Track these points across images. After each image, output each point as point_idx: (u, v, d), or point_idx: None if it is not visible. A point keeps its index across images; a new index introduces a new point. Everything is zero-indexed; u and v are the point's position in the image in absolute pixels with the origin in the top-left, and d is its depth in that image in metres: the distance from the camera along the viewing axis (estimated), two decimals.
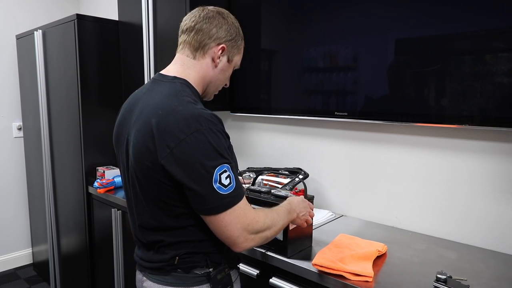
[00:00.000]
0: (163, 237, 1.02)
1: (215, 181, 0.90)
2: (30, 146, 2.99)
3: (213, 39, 1.04)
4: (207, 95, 1.15)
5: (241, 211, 0.95)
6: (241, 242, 0.96)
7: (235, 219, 0.94)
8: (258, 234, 0.98)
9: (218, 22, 1.05)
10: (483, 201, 1.42)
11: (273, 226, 1.04)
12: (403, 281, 1.14)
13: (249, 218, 0.96)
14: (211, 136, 0.92)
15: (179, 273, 1.02)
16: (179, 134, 0.90)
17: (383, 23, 1.52)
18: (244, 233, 0.95)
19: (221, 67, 1.09)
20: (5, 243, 3.17)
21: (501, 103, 1.27)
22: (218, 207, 0.92)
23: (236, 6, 2.06)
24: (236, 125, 2.27)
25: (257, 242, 1.00)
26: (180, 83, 1.02)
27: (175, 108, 0.93)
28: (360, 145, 1.74)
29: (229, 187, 0.92)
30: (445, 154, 1.50)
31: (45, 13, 3.23)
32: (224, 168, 0.92)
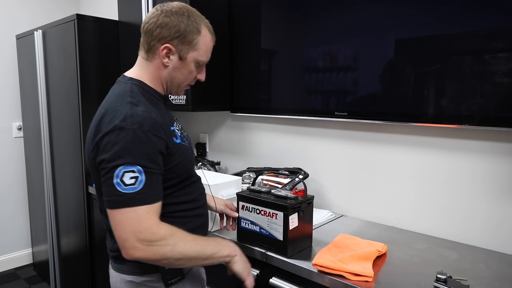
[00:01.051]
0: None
1: (116, 176, 0.91)
2: (30, 146, 2.99)
3: (157, 39, 1.04)
4: (172, 93, 1.15)
5: (135, 215, 0.92)
6: (128, 247, 0.92)
7: (126, 220, 0.92)
8: (150, 246, 0.93)
9: (161, 22, 1.03)
10: (483, 201, 1.42)
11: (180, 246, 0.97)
12: (403, 281, 1.14)
13: (143, 226, 0.92)
14: (132, 136, 0.93)
15: (132, 262, 1.02)
16: (106, 130, 0.95)
17: (383, 23, 1.52)
18: (132, 239, 0.91)
19: (173, 66, 1.08)
20: (5, 243, 3.17)
21: (501, 103, 1.27)
22: (112, 202, 0.93)
23: (236, 6, 2.06)
24: (236, 125, 2.27)
25: (148, 256, 0.93)
26: (132, 84, 1.06)
27: (115, 108, 0.98)
28: (360, 145, 1.74)
29: (129, 187, 0.91)
30: (445, 154, 1.50)
31: (45, 13, 3.23)
32: (133, 168, 0.92)
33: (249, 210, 1.37)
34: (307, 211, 1.35)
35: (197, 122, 2.53)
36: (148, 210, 0.94)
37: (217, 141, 2.41)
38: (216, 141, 2.41)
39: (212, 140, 2.44)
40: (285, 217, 1.26)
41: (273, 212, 1.29)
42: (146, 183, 0.93)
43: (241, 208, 1.40)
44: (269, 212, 1.30)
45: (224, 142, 2.36)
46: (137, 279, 1.07)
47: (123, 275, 1.08)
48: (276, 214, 1.28)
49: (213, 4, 2.03)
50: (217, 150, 2.41)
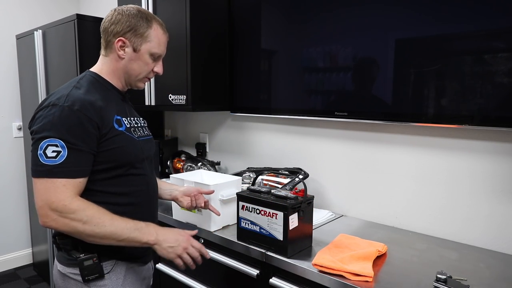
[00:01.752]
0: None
1: (40, 148, 1.00)
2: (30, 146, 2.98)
3: (112, 35, 1.15)
4: (132, 85, 1.24)
5: (51, 186, 0.99)
6: (41, 215, 1.00)
7: (43, 189, 1.00)
8: (61, 218, 1.00)
9: (115, 19, 1.15)
10: (483, 201, 1.42)
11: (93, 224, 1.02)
12: (403, 281, 1.14)
13: (56, 197, 0.99)
14: (61, 112, 1.01)
15: (62, 253, 1.13)
16: (42, 106, 1.05)
17: (383, 23, 1.52)
18: (45, 207, 0.99)
19: (128, 58, 1.17)
20: (5, 243, 3.17)
21: (501, 103, 1.27)
22: (34, 171, 1.02)
23: (236, 6, 2.06)
24: (236, 125, 2.27)
25: (59, 227, 1.01)
26: (85, 74, 1.17)
27: (59, 90, 1.09)
28: (360, 145, 1.74)
29: (50, 160, 0.99)
30: (445, 154, 1.50)
31: (45, 13, 3.23)
32: (56, 142, 1.00)
33: (249, 210, 1.37)
34: (307, 211, 1.35)
35: (197, 122, 2.53)
36: (66, 183, 1.00)
37: (217, 141, 2.41)
38: (216, 141, 2.41)
39: (212, 140, 2.44)
40: (285, 217, 1.27)
41: (273, 212, 1.29)
42: (67, 158, 1.00)
43: (241, 208, 1.40)
44: (269, 212, 1.30)
45: (224, 142, 2.36)
46: (63, 270, 1.13)
47: (56, 262, 1.16)
48: (276, 214, 1.28)
49: (213, 4, 2.03)
50: (217, 150, 2.41)
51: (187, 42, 1.92)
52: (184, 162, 2.37)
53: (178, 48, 1.96)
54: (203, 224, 1.58)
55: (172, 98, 2.03)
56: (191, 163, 2.34)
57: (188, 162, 2.36)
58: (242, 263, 1.44)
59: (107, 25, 1.15)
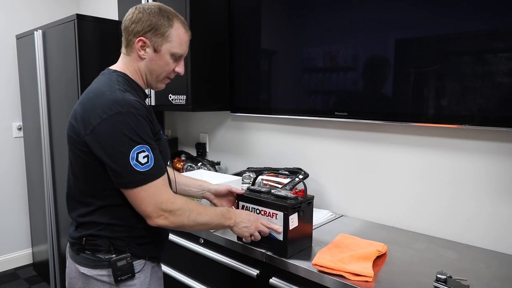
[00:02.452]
0: (78, 212, 1.12)
1: (132, 159, 1.01)
2: (30, 146, 2.99)
3: (133, 34, 1.12)
4: (152, 85, 1.22)
5: (155, 189, 1.04)
6: (154, 217, 1.05)
7: (150, 195, 1.03)
8: (171, 215, 1.07)
9: (136, 18, 1.12)
10: (483, 201, 1.42)
11: (194, 216, 1.12)
12: (403, 281, 1.14)
13: (163, 197, 1.05)
14: (130, 119, 1.01)
15: (86, 254, 1.11)
16: (101, 114, 1.01)
17: (383, 23, 1.52)
18: (157, 209, 1.04)
19: (149, 58, 1.14)
20: (5, 243, 3.17)
21: (501, 103, 1.27)
22: (134, 181, 1.02)
23: (236, 6, 2.06)
24: (236, 125, 2.27)
25: (170, 222, 1.07)
26: (117, 75, 1.13)
27: (104, 93, 1.05)
28: (360, 145, 1.74)
29: (145, 166, 1.02)
30: (445, 154, 1.50)
31: (45, 13, 3.23)
32: (143, 148, 1.02)
33: (249, 210, 1.37)
34: (307, 211, 1.35)
35: (197, 122, 2.53)
36: (163, 182, 1.07)
37: (217, 141, 2.41)
38: (216, 141, 2.41)
39: (212, 140, 2.44)
40: (285, 217, 1.26)
41: (273, 212, 1.29)
42: (155, 158, 1.05)
43: (241, 208, 1.39)
44: (269, 212, 1.30)
45: (224, 142, 2.36)
46: (88, 272, 1.11)
47: (77, 266, 1.13)
48: (276, 214, 1.28)
49: (213, 4, 2.03)
50: (217, 150, 2.41)
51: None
52: (184, 162, 2.37)
53: None
54: None
55: (172, 98, 2.03)
56: (191, 163, 2.34)
57: (188, 162, 2.36)
58: (242, 263, 1.44)
59: (128, 24, 1.13)
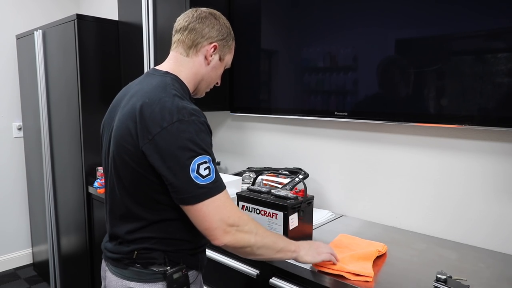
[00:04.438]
0: (127, 228, 1.04)
1: (192, 171, 0.91)
2: (30, 146, 2.99)
3: (205, 38, 1.09)
4: (199, 92, 1.19)
5: (220, 203, 0.94)
6: (220, 234, 0.94)
7: (214, 209, 0.93)
8: (239, 230, 0.96)
9: (210, 22, 1.10)
10: (483, 201, 1.42)
11: (261, 235, 1.00)
12: (403, 281, 1.14)
13: (229, 211, 0.95)
14: (192, 127, 0.93)
15: (137, 268, 1.03)
16: (161, 123, 0.92)
17: (383, 23, 1.52)
18: (223, 225, 0.94)
19: (213, 64, 1.13)
20: (5, 243, 3.17)
21: (501, 103, 1.27)
22: (196, 196, 0.92)
23: (236, 6, 2.06)
24: (236, 125, 2.27)
25: (237, 240, 0.96)
26: (171, 78, 1.06)
27: (161, 98, 0.96)
28: (360, 145, 1.74)
29: (207, 178, 0.93)
30: (445, 154, 1.50)
31: (45, 13, 3.23)
32: (205, 159, 0.93)
33: (249, 210, 1.37)
34: (307, 211, 1.35)
35: None
36: (226, 195, 0.97)
37: (217, 141, 2.41)
38: (216, 141, 2.41)
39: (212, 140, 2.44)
40: (285, 217, 1.27)
41: (273, 212, 1.29)
42: (215, 170, 0.96)
43: (241, 208, 1.40)
44: (269, 212, 1.30)
45: (224, 142, 2.36)
46: (140, 286, 1.03)
47: (125, 281, 1.05)
48: (276, 214, 1.28)
49: (213, 4, 2.03)
50: (217, 150, 2.41)
51: None
52: None
53: None
54: None
55: None
56: None
57: None
58: (242, 263, 1.44)
59: (200, 26, 1.09)
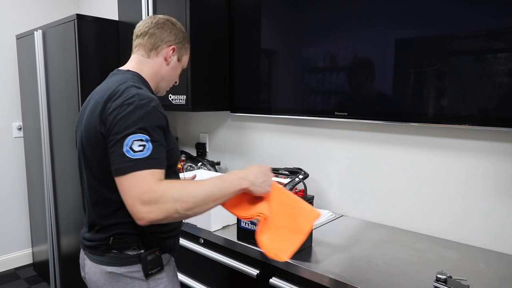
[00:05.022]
0: (101, 213, 1.12)
1: (126, 145, 0.98)
2: (30, 146, 2.99)
3: (165, 41, 1.22)
4: (160, 91, 1.29)
5: (140, 178, 0.96)
6: (137, 212, 0.95)
7: (131, 184, 0.96)
8: (156, 205, 0.95)
9: (168, 28, 1.22)
10: (483, 201, 1.42)
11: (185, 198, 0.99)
12: (403, 281, 1.14)
13: (145, 187, 0.95)
14: (140, 110, 1.01)
15: (113, 253, 1.11)
16: (114, 106, 1.03)
17: (383, 23, 1.52)
18: (138, 202, 0.95)
19: (172, 65, 1.25)
20: (5, 243, 3.17)
21: (501, 103, 1.27)
22: (121, 169, 0.97)
23: (236, 6, 2.06)
24: (236, 125, 2.27)
25: (158, 215, 0.96)
26: (132, 74, 1.17)
27: (120, 89, 1.07)
28: (360, 145, 1.74)
29: (138, 153, 0.97)
30: (445, 154, 1.50)
31: (44, 13, 3.23)
32: (141, 137, 0.99)
33: None
34: None
35: (197, 122, 2.53)
36: (152, 173, 0.98)
37: (217, 141, 2.41)
38: (216, 141, 2.41)
39: (212, 140, 2.44)
40: None
41: None
42: (153, 150, 1.00)
43: None
44: None
45: (224, 142, 2.36)
46: (118, 270, 1.10)
47: (103, 266, 1.11)
48: None
49: (213, 4, 2.03)
50: (217, 150, 2.41)
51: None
52: (184, 162, 2.37)
53: None
54: (203, 224, 1.57)
55: (172, 98, 2.03)
56: (191, 163, 2.34)
57: (188, 162, 2.36)
58: (242, 263, 1.44)
59: (157, 32, 1.21)
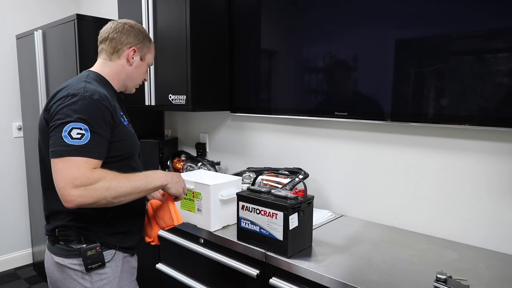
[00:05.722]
0: (47, 201, 1.20)
1: (64, 131, 1.05)
2: (30, 146, 2.99)
3: (124, 43, 1.29)
4: (127, 89, 1.38)
5: (75, 164, 1.03)
6: (66, 195, 1.02)
7: (65, 168, 1.03)
8: (87, 190, 1.03)
9: (126, 31, 1.29)
10: (483, 201, 1.42)
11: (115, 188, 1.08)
12: (403, 281, 1.14)
13: (79, 172, 1.03)
14: (82, 102, 1.09)
15: (60, 245, 1.18)
16: (60, 96, 1.12)
17: (383, 23, 1.52)
18: (69, 186, 1.01)
19: (135, 65, 1.33)
20: (5, 243, 3.16)
21: (501, 103, 1.27)
22: (57, 151, 1.05)
23: (236, 6, 2.06)
24: (236, 125, 2.27)
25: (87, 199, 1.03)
26: (89, 72, 1.26)
27: (70, 83, 1.17)
28: (360, 145, 1.74)
29: (75, 140, 1.05)
30: (445, 154, 1.50)
31: (44, 13, 3.23)
32: (80, 126, 1.06)
33: (249, 210, 1.37)
34: (307, 211, 1.35)
35: (197, 122, 2.53)
36: (87, 161, 1.06)
37: (217, 141, 2.41)
38: (216, 141, 2.41)
39: (212, 140, 2.44)
40: (285, 217, 1.27)
41: (273, 212, 1.29)
42: (90, 140, 1.07)
43: (241, 208, 1.40)
44: (269, 212, 1.30)
45: (224, 142, 2.36)
46: (62, 261, 1.17)
47: (53, 256, 1.19)
48: (276, 214, 1.29)
49: (213, 4, 2.03)
50: (217, 150, 2.41)
51: (187, 42, 1.92)
52: (184, 162, 2.37)
53: (178, 48, 1.96)
54: (203, 224, 1.58)
55: (172, 98, 2.03)
56: (191, 163, 2.34)
57: (188, 162, 2.36)
58: (242, 263, 1.44)
59: (116, 36, 1.28)
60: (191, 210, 1.60)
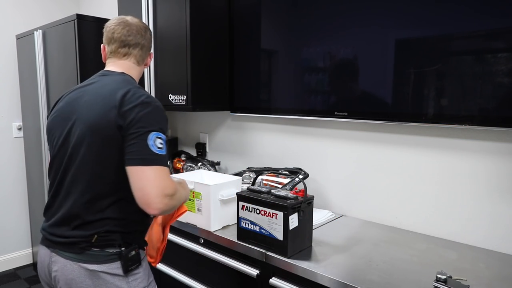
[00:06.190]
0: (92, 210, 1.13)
1: (149, 139, 1.09)
2: (30, 146, 2.99)
3: (147, 49, 1.35)
4: None
5: (163, 174, 1.09)
6: (156, 202, 1.06)
7: (157, 176, 1.07)
8: (170, 200, 1.09)
9: (149, 36, 1.35)
10: (483, 201, 1.42)
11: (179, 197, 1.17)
12: (403, 281, 1.14)
13: (168, 183, 1.10)
14: (158, 112, 1.16)
15: (93, 251, 1.13)
16: (133, 102, 1.12)
17: (383, 23, 1.52)
18: (160, 193, 1.06)
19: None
20: (5, 243, 3.17)
21: (501, 103, 1.27)
22: (146, 160, 1.07)
23: (236, 6, 2.06)
24: (236, 125, 2.27)
25: (167, 207, 1.10)
26: (130, 76, 1.29)
27: (134, 89, 1.17)
28: (360, 145, 1.74)
29: (160, 150, 1.10)
30: (445, 154, 1.50)
31: (44, 13, 3.23)
32: (161, 135, 1.12)
33: (249, 210, 1.37)
34: (307, 211, 1.35)
35: (197, 122, 2.53)
36: (168, 170, 1.13)
37: (217, 141, 2.41)
38: (216, 141, 2.41)
39: (212, 140, 2.44)
40: (285, 217, 1.27)
41: (273, 212, 1.29)
42: (167, 150, 1.14)
43: (241, 208, 1.40)
44: (269, 212, 1.30)
45: (224, 142, 2.36)
46: (98, 268, 1.13)
47: (82, 264, 1.12)
48: (276, 214, 1.29)
49: (213, 4, 2.03)
50: (217, 150, 2.41)
51: (187, 42, 1.92)
52: (184, 162, 2.37)
53: (178, 48, 1.96)
54: (203, 224, 1.58)
55: (172, 98, 2.03)
56: (191, 163, 2.34)
57: (188, 162, 2.36)
58: (242, 263, 1.44)
59: (144, 42, 1.32)
60: (191, 210, 1.60)
